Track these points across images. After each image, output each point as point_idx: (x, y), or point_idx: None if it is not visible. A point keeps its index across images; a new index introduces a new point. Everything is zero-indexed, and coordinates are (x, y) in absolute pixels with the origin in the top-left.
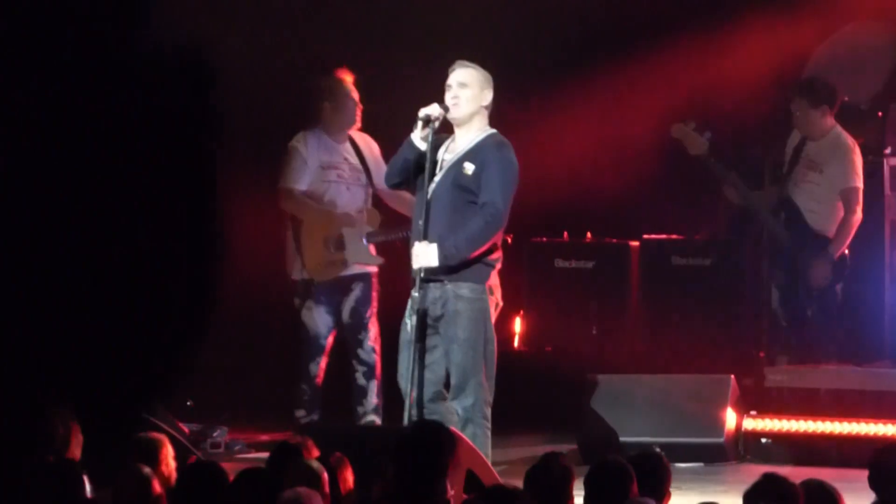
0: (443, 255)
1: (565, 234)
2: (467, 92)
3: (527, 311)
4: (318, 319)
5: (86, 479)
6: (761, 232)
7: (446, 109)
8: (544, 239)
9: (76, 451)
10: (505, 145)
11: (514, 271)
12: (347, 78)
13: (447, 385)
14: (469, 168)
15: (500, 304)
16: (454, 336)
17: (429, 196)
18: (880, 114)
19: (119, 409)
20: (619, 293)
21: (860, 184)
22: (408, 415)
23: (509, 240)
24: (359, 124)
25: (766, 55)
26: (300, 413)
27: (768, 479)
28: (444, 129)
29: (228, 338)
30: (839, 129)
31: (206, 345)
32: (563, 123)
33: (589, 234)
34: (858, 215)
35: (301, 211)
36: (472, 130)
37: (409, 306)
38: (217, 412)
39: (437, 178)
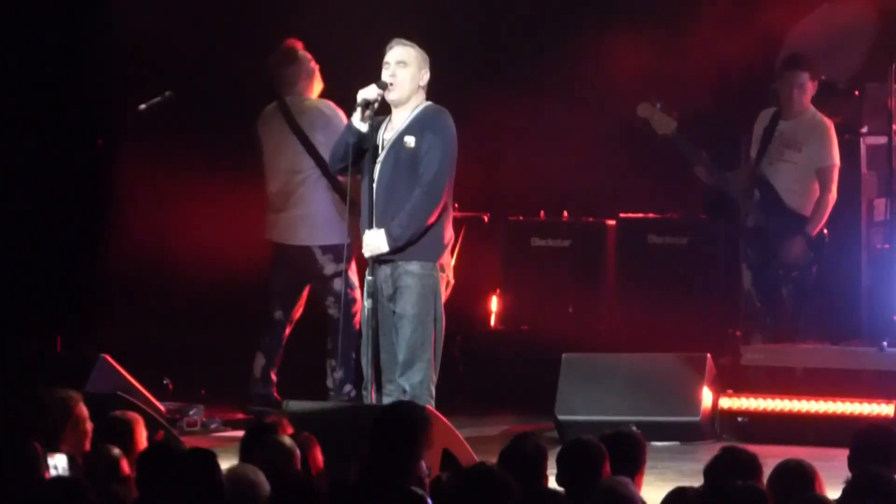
0: (391, 238)
1: (542, 212)
2: (406, 71)
3: (503, 290)
4: None
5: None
6: (736, 211)
7: (384, 87)
8: (521, 218)
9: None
10: (442, 112)
11: (491, 250)
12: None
13: None
14: (410, 141)
15: (452, 282)
16: (403, 312)
17: (374, 178)
18: (857, 93)
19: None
20: (596, 272)
21: (838, 162)
22: (367, 395)
23: (486, 218)
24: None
25: (742, 32)
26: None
27: (727, 451)
28: (382, 110)
29: (205, 316)
30: (814, 109)
31: (183, 324)
32: (539, 103)
33: (565, 213)
34: (834, 194)
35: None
36: (409, 107)
37: (365, 289)
38: (194, 390)
39: (380, 159)
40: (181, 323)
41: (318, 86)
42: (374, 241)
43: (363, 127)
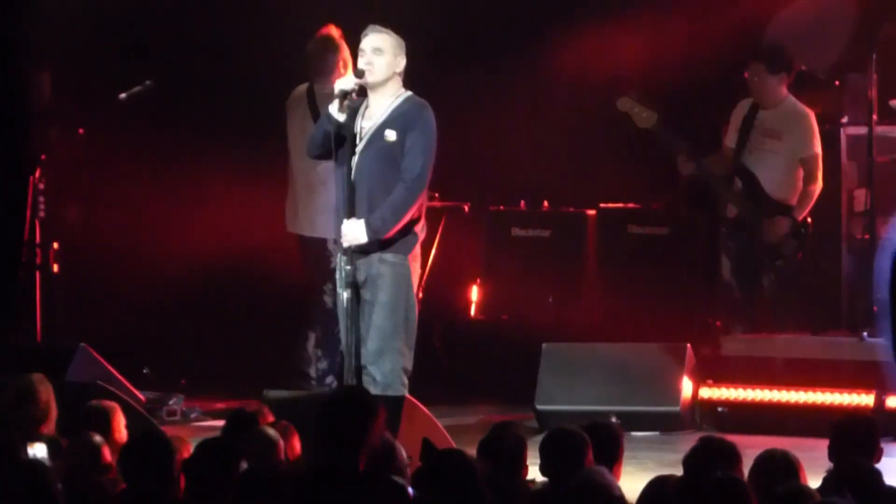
0: (371, 230)
1: (522, 202)
2: (382, 59)
3: (484, 280)
4: None
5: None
6: (717, 201)
7: (360, 75)
8: (501, 207)
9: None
10: (425, 107)
11: (472, 239)
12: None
13: None
14: (391, 135)
15: (419, 271)
16: (375, 299)
17: (353, 168)
18: (838, 83)
19: None
20: (576, 262)
21: (820, 151)
22: (346, 383)
23: (466, 208)
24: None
25: (722, 21)
26: None
27: (705, 441)
28: (359, 94)
29: (185, 306)
30: (793, 98)
31: (163, 314)
32: (520, 92)
33: (546, 203)
34: (820, 183)
35: None
36: (386, 95)
37: (341, 277)
38: (174, 380)
39: (358, 149)
40: (161, 313)
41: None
42: (354, 232)
43: (341, 117)
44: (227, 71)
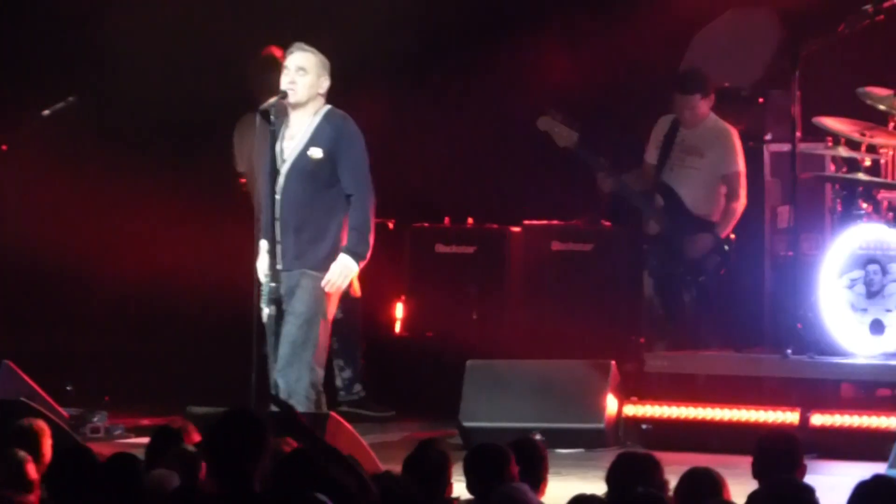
0: (355, 256)
1: (447, 219)
2: (306, 79)
3: (408, 297)
4: None
5: None
6: (639, 218)
7: (283, 96)
8: (426, 224)
9: None
10: (346, 119)
11: (396, 256)
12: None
13: None
14: (316, 153)
15: (359, 293)
16: (292, 310)
17: (278, 191)
18: (761, 100)
19: None
20: (500, 278)
21: (743, 168)
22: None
23: (391, 225)
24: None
25: (645, 37)
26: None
27: (623, 456)
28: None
29: (109, 322)
30: (715, 116)
31: (86, 330)
32: (445, 109)
33: (470, 220)
34: (743, 200)
35: None
36: (307, 113)
37: (265, 294)
38: (97, 396)
39: (283, 171)
40: (84, 329)
41: None
42: (344, 270)
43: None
44: (159, 86)
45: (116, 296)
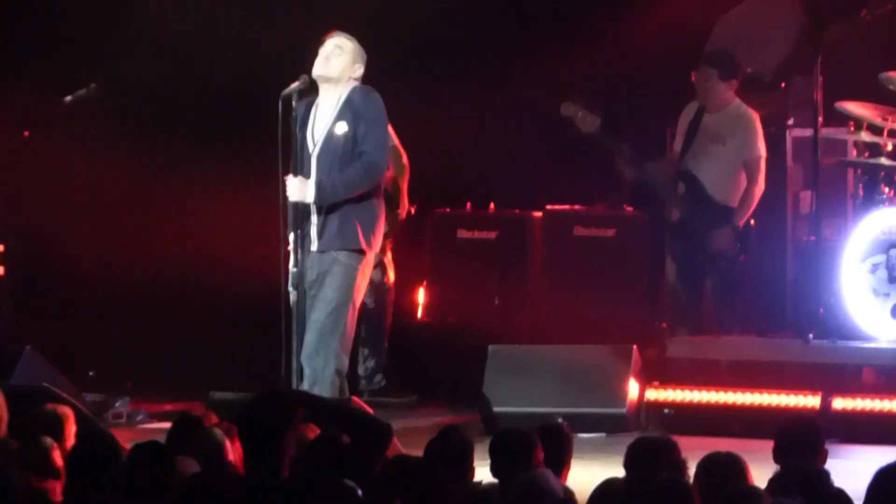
0: (319, 193)
1: (468, 204)
2: (342, 58)
3: (430, 282)
4: None
5: None
6: (662, 204)
7: (305, 82)
8: (448, 209)
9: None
10: (371, 92)
11: (418, 242)
12: None
13: None
14: (342, 127)
15: (393, 278)
16: (322, 296)
17: (313, 171)
18: (783, 85)
19: None
20: (522, 264)
21: (764, 153)
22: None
23: (413, 210)
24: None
25: (667, 25)
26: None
27: (641, 440)
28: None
29: (132, 308)
30: (739, 101)
31: (109, 316)
32: (468, 95)
33: (492, 205)
34: (761, 185)
35: None
36: (336, 93)
37: (290, 280)
38: (120, 382)
39: (315, 154)
40: (107, 315)
41: None
42: (301, 190)
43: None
44: (181, 72)
45: (138, 281)
